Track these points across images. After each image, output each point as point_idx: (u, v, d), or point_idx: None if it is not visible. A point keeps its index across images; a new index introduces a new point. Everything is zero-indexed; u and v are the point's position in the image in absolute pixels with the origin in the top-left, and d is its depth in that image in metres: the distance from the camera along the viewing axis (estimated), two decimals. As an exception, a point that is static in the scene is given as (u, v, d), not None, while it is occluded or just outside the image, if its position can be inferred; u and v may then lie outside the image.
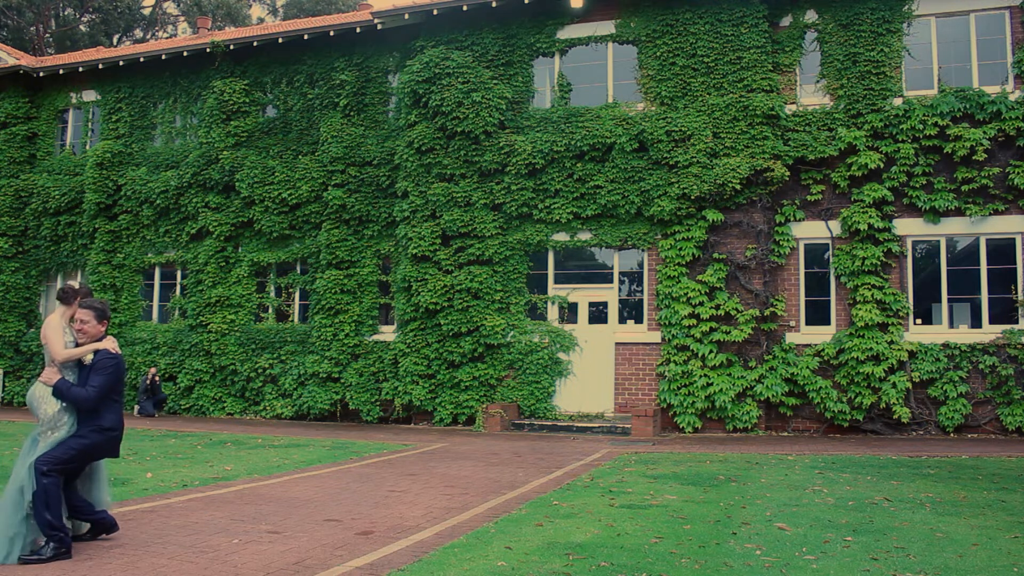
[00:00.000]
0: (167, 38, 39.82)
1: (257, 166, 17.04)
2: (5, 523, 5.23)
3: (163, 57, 18.18)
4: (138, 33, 41.60)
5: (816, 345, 13.78)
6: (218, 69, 17.99)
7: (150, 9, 42.00)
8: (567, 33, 15.38)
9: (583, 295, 15.05)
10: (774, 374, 13.57)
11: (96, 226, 18.40)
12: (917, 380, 13.22)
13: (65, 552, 5.25)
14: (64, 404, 5.49)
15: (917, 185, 13.58)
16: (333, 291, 16.07)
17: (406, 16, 15.71)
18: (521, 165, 14.82)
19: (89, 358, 5.57)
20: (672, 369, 13.86)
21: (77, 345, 5.64)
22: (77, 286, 5.88)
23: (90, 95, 19.53)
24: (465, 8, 15.25)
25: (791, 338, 14.00)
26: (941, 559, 5.22)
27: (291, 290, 17.31)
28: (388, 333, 16.16)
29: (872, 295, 13.46)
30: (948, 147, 13.34)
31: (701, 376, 13.66)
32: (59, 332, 5.59)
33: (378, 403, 15.81)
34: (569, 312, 15.05)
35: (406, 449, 11.64)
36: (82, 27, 39.79)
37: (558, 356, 14.71)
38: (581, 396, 14.69)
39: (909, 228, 13.72)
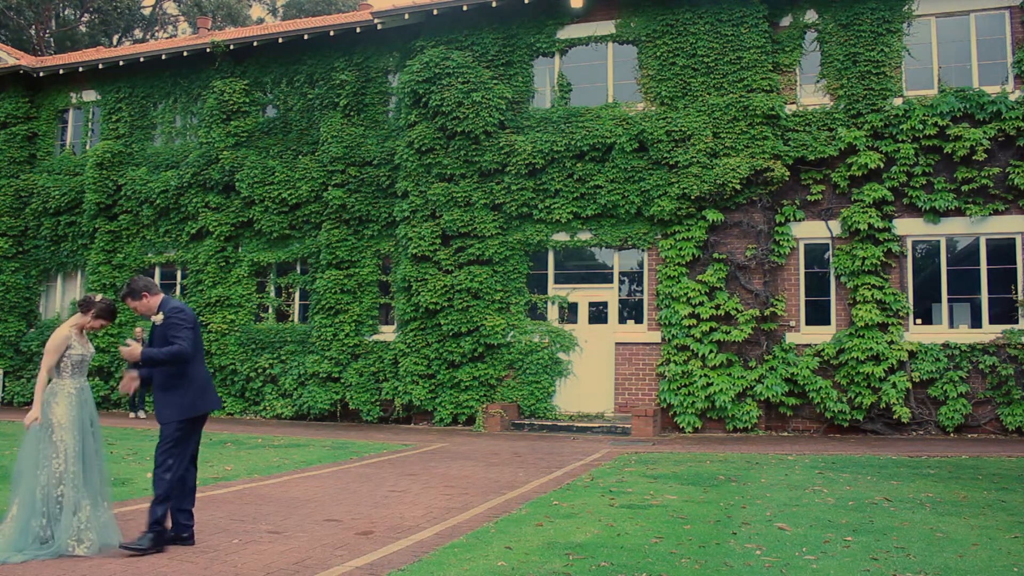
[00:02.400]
0: (167, 38, 39.82)
1: (257, 166, 17.04)
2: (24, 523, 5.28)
3: (163, 57, 18.18)
4: (138, 33, 41.59)
5: (816, 345, 13.78)
6: (218, 69, 17.99)
7: (150, 9, 42.00)
8: (567, 33, 15.38)
9: (583, 295, 15.04)
10: (774, 374, 13.57)
11: (96, 226, 18.40)
12: (917, 380, 13.22)
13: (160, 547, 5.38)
14: (76, 408, 5.50)
15: (917, 185, 13.58)
16: (333, 291, 16.07)
17: (406, 16, 15.71)
18: (521, 165, 14.82)
19: (160, 317, 5.57)
20: (672, 369, 13.86)
21: (83, 358, 5.67)
22: (98, 299, 5.81)
23: (90, 95, 19.53)
24: (465, 8, 15.25)
25: (791, 338, 14.00)
26: (941, 559, 5.22)
27: (291, 290, 17.32)
28: (388, 333, 16.16)
29: (872, 295, 13.45)
30: (948, 147, 13.33)
31: (701, 376, 13.66)
32: (62, 341, 5.61)
33: (378, 403, 15.81)
34: (569, 312, 15.05)
35: (406, 449, 11.64)
36: (82, 27, 39.79)
37: (558, 356, 14.70)
38: (581, 396, 14.68)
39: (909, 228, 13.72)
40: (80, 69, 18.89)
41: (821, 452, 10.98)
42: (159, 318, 5.57)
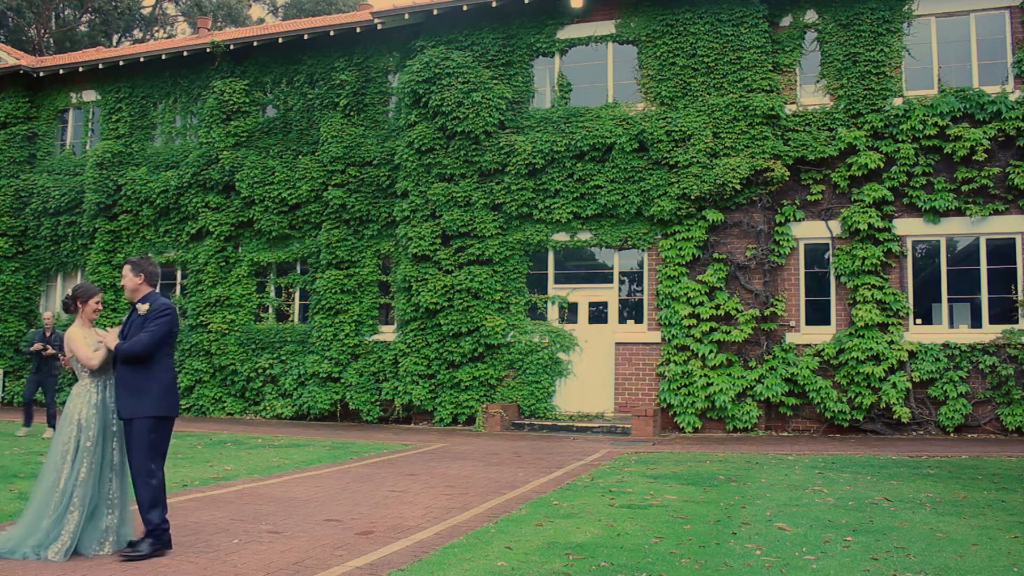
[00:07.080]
0: (167, 38, 39.82)
1: (257, 166, 17.04)
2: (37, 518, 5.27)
3: (163, 57, 18.18)
4: (138, 33, 41.58)
5: (816, 345, 13.78)
6: (218, 69, 17.99)
7: (150, 9, 42.00)
8: (567, 33, 15.38)
9: (583, 295, 15.04)
10: (774, 374, 13.57)
11: (96, 226, 18.40)
12: (917, 380, 13.22)
13: (160, 549, 5.29)
14: (98, 408, 5.48)
15: (917, 185, 13.58)
16: (333, 291, 16.07)
17: (406, 16, 15.71)
18: (521, 165, 14.82)
19: (145, 308, 5.49)
20: (672, 369, 13.86)
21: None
22: (71, 292, 5.78)
23: (90, 95, 19.52)
24: (465, 8, 15.25)
25: (791, 338, 14.00)
26: (941, 559, 5.22)
27: (291, 290, 17.32)
28: (388, 333, 16.16)
29: (872, 295, 13.45)
30: (948, 147, 13.33)
31: (701, 376, 13.66)
32: (81, 341, 5.57)
33: (378, 403, 15.81)
34: (569, 312, 15.05)
35: (406, 449, 11.64)
36: (82, 27, 39.78)
37: (558, 356, 14.70)
38: (581, 396, 14.68)
39: (909, 228, 13.72)
40: (80, 69, 18.89)
41: (821, 452, 10.98)
42: (144, 308, 5.49)
